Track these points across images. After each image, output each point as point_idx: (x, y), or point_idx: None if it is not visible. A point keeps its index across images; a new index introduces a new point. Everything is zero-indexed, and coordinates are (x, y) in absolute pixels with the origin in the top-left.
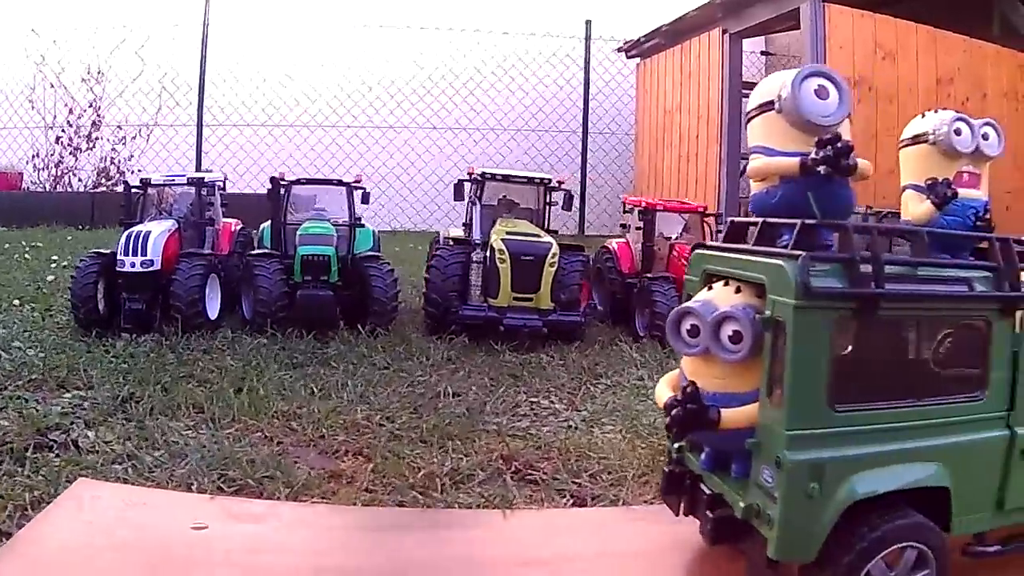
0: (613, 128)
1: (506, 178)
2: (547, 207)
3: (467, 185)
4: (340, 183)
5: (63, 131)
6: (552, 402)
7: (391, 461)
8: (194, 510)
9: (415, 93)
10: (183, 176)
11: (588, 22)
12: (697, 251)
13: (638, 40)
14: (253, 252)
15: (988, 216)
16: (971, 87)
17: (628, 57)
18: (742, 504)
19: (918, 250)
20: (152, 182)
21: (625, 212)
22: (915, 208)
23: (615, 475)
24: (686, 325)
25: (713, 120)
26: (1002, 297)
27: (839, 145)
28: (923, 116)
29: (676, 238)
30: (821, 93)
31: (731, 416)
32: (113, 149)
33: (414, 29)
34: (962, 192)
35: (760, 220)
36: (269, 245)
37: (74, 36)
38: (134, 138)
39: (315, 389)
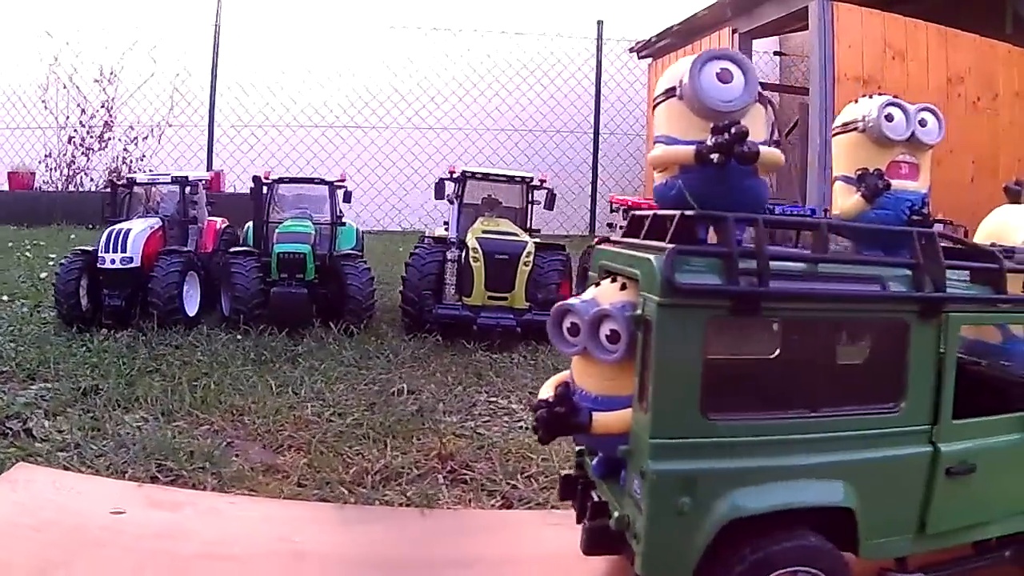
0: (624, 129)
1: (486, 176)
2: (529, 206)
3: (449, 184)
4: (323, 182)
5: (75, 131)
6: (510, 402)
7: (327, 457)
8: (118, 496)
9: (426, 94)
10: (167, 175)
11: (600, 23)
12: (597, 246)
13: (650, 40)
14: (232, 250)
15: (925, 211)
16: (982, 87)
17: (640, 58)
18: (616, 514)
19: (818, 245)
20: (137, 181)
21: (612, 211)
22: (844, 201)
23: (551, 478)
24: (567, 323)
25: None
26: (921, 298)
27: (733, 131)
28: (856, 102)
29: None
30: (724, 76)
31: (605, 421)
32: (125, 149)
33: (427, 31)
34: (896, 184)
35: (665, 213)
36: (253, 244)
37: (87, 37)
38: (145, 138)
39: (273, 385)
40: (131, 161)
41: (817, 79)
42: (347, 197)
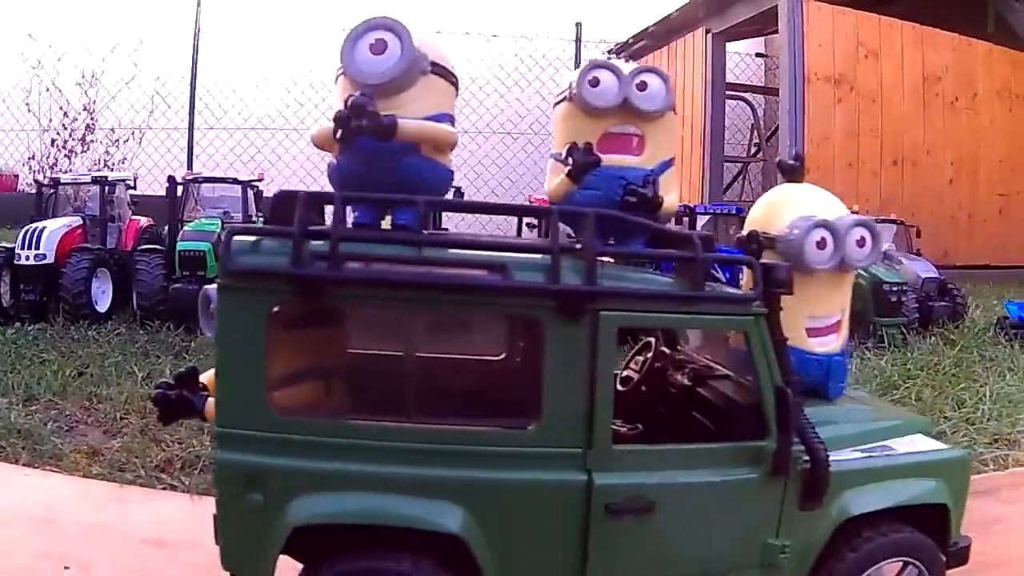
0: None
1: None
2: None
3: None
4: (236, 181)
5: (58, 134)
6: None
7: (144, 442)
8: None
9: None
10: (88, 175)
11: (578, 24)
12: None
13: (627, 42)
14: (140, 248)
15: (644, 190)
16: (961, 86)
17: (619, 59)
18: None
19: (554, 235)
20: (61, 181)
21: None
22: (551, 181)
23: None
24: (211, 307)
25: (697, 122)
26: (554, 291)
27: (349, 104)
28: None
29: None
30: (377, 47)
31: (212, 407)
32: (106, 152)
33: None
34: (609, 159)
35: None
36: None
37: (70, 41)
38: (126, 141)
39: (140, 377)
40: (113, 163)
41: (787, 79)
42: (258, 197)
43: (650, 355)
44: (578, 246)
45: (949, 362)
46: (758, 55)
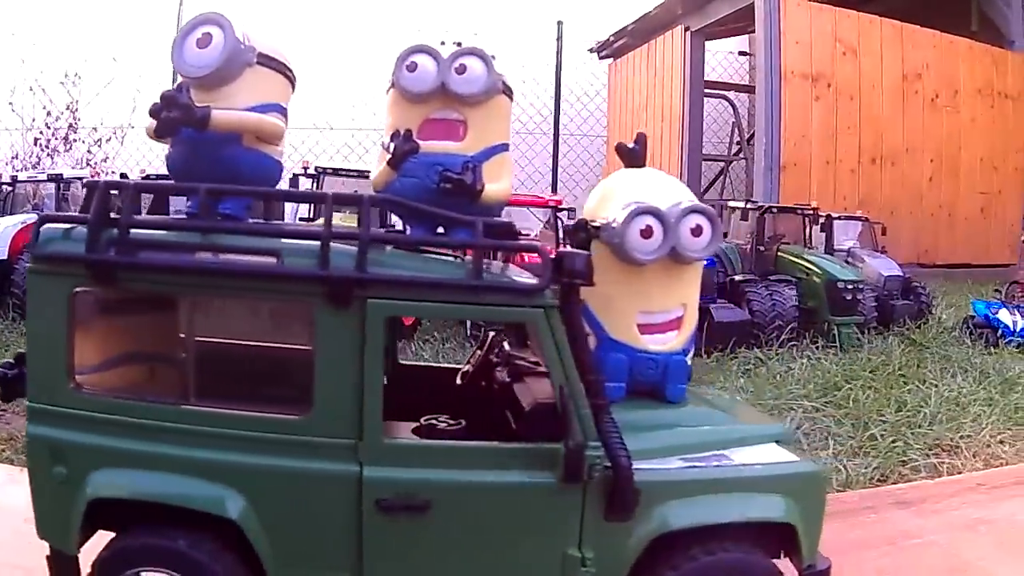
0: (585, 130)
1: (335, 171)
2: None
3: (303, 180)
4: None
5: (41, 133)
6: None
7: None
8: None
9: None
10: (43, 173)
11: (560, 23)
12: None
13: (608, 40)
14: None
15: (461, 176)
16: (942, 83)
17: (600, 58)
18: None
19: (366, 222)
20: (18, 179)
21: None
22: (376, 170)
23: None
24: None
25: (675, 120)
26: (324, 278)
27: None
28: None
29: (534, 234)
30: (202, 42)
31: None
32: (89, 151)
33: (381, 29)
34: (429, 145)
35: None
36: None
37: (52, 40)
38: (109, 140)
39: None
40: (95, 162)
41: (763, 76)
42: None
43: (494, 350)
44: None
45: (900, 362)
46: (741, 53)
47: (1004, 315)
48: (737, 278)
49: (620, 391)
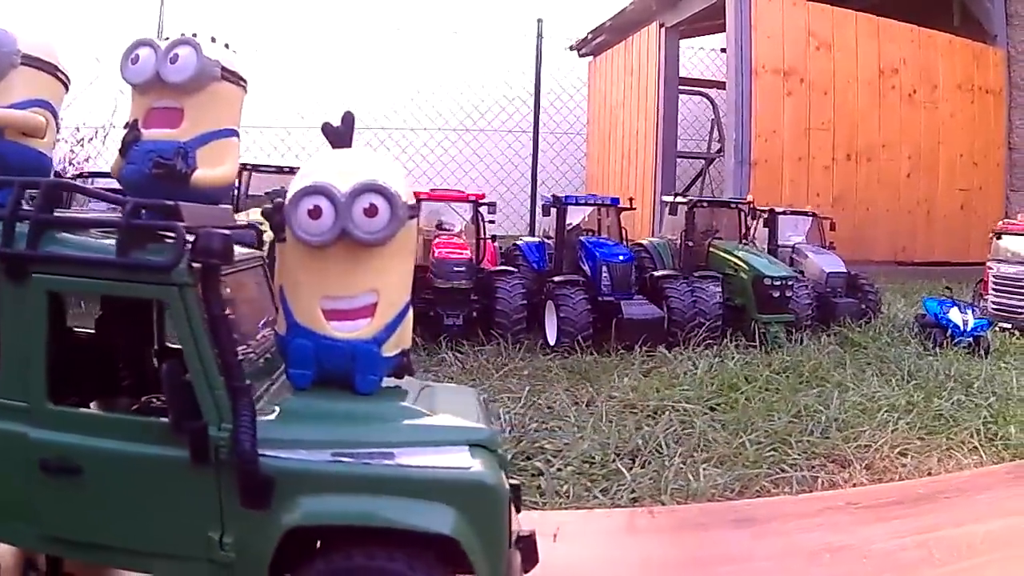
0: (565, 128)
1: (255, 168)
2: None
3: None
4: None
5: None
6: None
7: None
8: None
9: (365, 93)
10: None
11: (539, 20)
12: None
13: (586, 37)
14: None
15: (170, 162)
16: (919, 78)
17: (580, 56)
18: None
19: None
20: None
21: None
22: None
23: None
24: None
25: (651, 116)
26: (4, 255)
27: None
28: None
29: (458, 229)
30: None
31: None
32: (71, 151)
33: (360, 27)
34: (149, 133)
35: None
36: None
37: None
38: (91, 140)
39: None
40: (77, 162)
41: (733, 71)
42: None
43: None
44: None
45: (817, 363)
46: (723, 50)
47: (955, 314)
48: (657, 274)
49: (306, 378)
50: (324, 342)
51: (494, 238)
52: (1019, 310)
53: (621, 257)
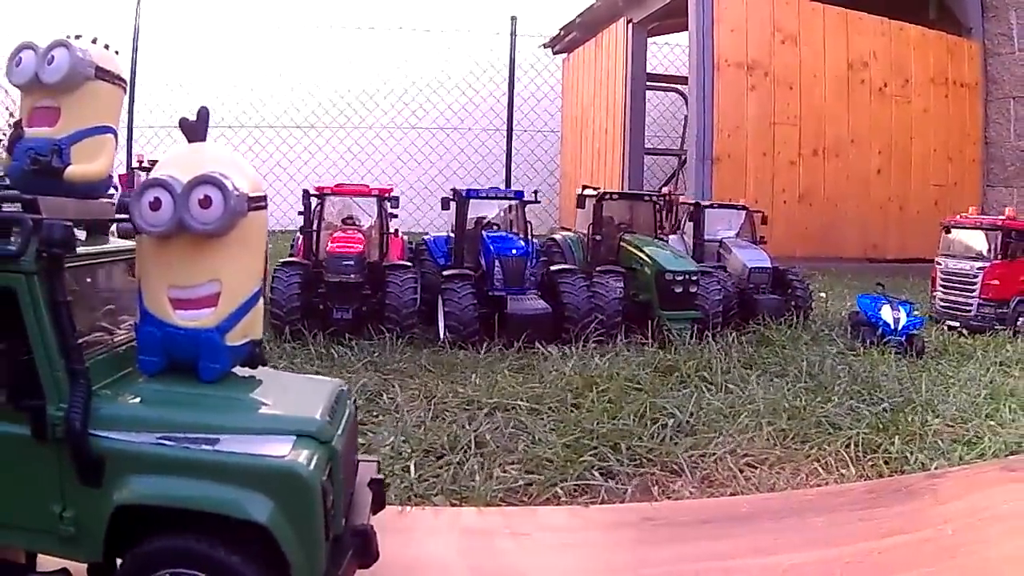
0: (539, 126)
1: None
2: None
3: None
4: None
5: (4, 134)
6: None
7: None
8: None
9: (336, 93)
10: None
11: (513, 18)
12: None
13: (558, 35)
14: None
15: (44, 158)
16: (890, 72)
17: (554, 53)
18: None
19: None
20: None
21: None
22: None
23: None
24: None
25: (619, 113)
26: None
27: None
28: None
29: (367, 224)
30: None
31: None
32: None
33: (335, 28)
34: (30, 131)
35: None
36: None
37: (11, 39)
38: None
39: None
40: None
41: (695, 65)
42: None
43: None
44: None
45: (697, 363)
46: None
47: (886, 312)
48: (553, 268)
49: (154, 364)
50: (170, 330)
51: (396, 232)
52: (967, 308)
53: (514, 251)
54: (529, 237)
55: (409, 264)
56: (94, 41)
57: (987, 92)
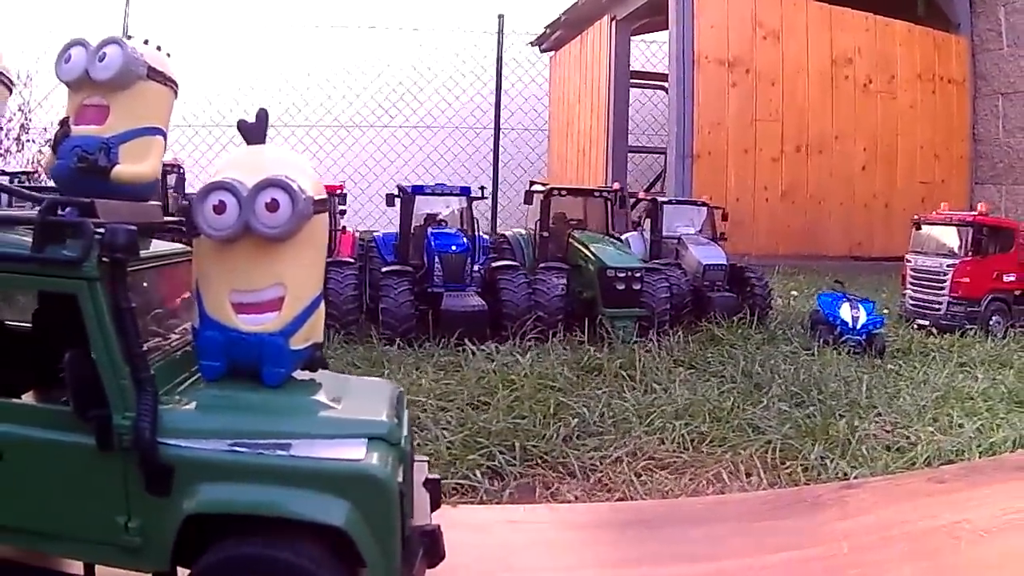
0: (527, 124)
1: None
2: None
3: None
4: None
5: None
6: None
7: None
8: None
9: (322, 91)
10: None
11: (501, 16)
12: None
13: (544, 33)
14: None
15: (92, 156)
16: (875, 67)
17: (542, 51)
18: None
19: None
20: None
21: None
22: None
23: None
24: None
25: (603, 111)
26: None
27: None
28: None
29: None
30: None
31: None
32: (40, 151)
33: (321, 27)
34: (77, 129)
35: None
36: None
37: (4, 41)
38: None
39: None
40: (44, 162)
41: (674, 62)
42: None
43: None
44: None
45: (628, 362)
46: None
47: (845, 310)
48: (494, 265)
49: (215, 370)
50: (232, 335)
51: (344, 228)
52: (936, 307)
53: (455, 248)
54: (476, 234)
55: (351, 260)
56: (146, 42)
57: (975, 88)
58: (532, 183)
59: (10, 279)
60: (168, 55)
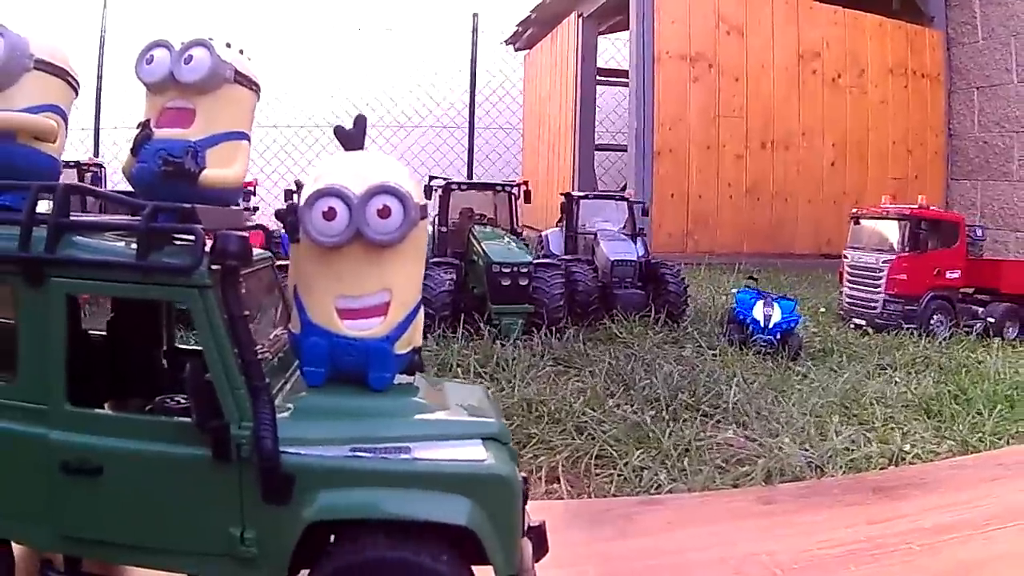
0: (501, 123)
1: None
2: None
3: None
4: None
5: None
6: None
7: None
8: None
9: (303, 91)
10: None
11: (475, 15)
12: None
13: (517, 31)
14: None
15: (178, 160)
16: (844, 62)
17: (516, 50)
18: None
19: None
20: None
21: None
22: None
23: None
24: None
25: (570, 108)
26: (18, 259)
27: None
28: None
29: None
30: None
31: None
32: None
33: (294, 26)
34: (160, 132)
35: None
36: None
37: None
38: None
39: None
40: None
41: (634, 57)
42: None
43: None
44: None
45: (482, 358)
46: None
47: (758, 309)
48: None
49: (320, 376)
50: (338, 340)
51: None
52: (872, 305)
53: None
54: None
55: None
56: (229, 45)
57: (950, 83)
58: (431, 178)
59: (112, 287)
60: (250, 59)
